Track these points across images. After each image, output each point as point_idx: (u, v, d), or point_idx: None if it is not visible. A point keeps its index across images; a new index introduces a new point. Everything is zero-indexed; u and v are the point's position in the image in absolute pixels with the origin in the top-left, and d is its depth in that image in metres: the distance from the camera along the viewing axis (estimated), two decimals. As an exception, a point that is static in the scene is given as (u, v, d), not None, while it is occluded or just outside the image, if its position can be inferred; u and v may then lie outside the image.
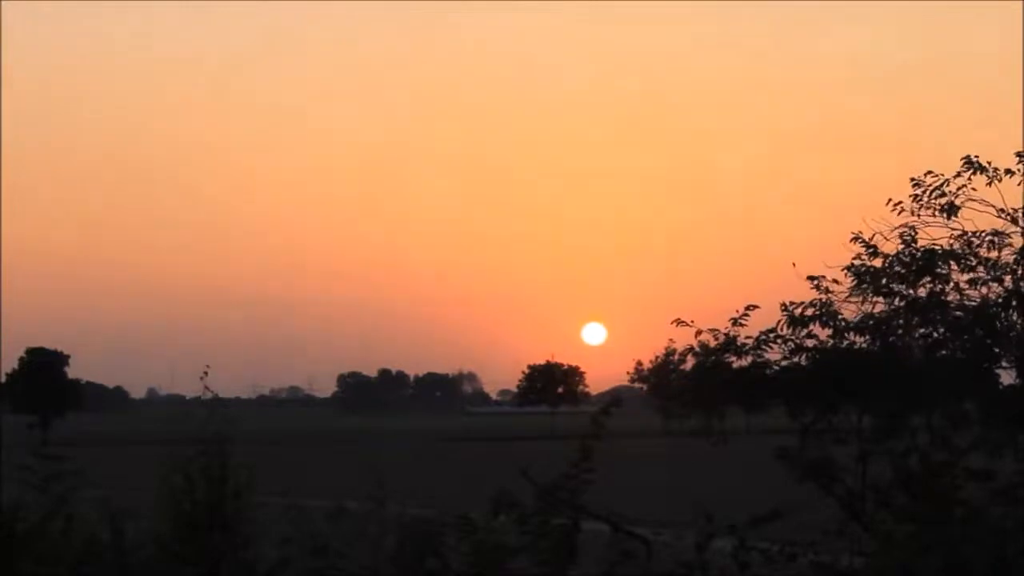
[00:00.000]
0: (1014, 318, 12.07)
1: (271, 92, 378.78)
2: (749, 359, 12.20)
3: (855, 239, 12.40)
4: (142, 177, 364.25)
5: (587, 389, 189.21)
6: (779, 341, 12.16)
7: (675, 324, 12.21)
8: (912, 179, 12.44)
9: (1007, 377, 12.29)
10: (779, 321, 12.18)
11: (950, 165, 12.49)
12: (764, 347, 12.13)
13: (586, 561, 10.25)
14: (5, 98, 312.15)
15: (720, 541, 10.73)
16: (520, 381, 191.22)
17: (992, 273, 12.12)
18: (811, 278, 12.37)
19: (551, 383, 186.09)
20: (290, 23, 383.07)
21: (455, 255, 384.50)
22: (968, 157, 12.35)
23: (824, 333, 12.16)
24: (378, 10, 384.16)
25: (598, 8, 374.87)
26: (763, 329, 12.17)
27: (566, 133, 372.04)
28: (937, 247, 12.27)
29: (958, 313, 12.02)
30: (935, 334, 12.06)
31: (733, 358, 12.26)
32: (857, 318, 12.16)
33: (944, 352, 12.06)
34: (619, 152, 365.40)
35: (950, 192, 12.36)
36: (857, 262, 12.36)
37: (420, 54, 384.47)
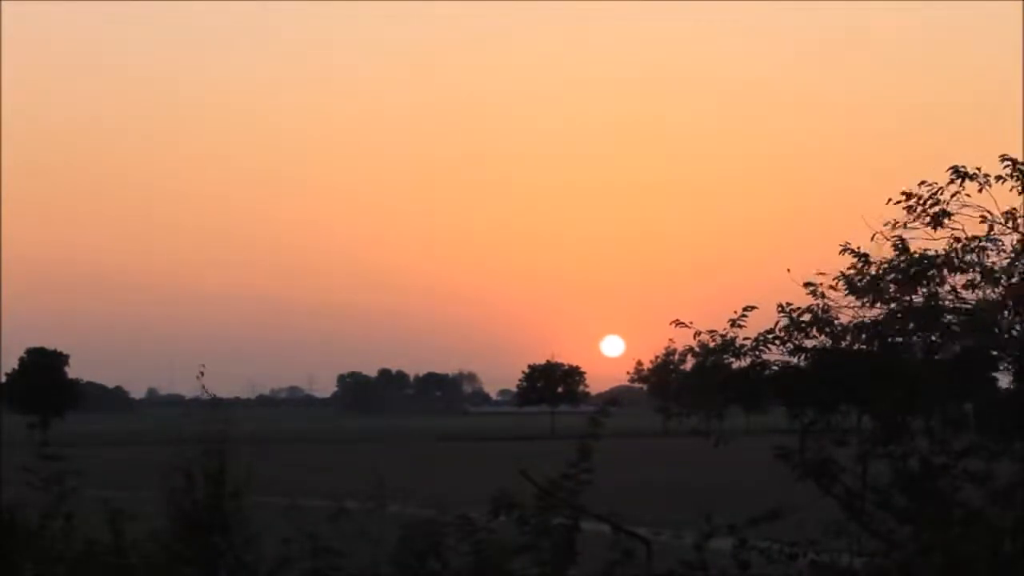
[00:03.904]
0: (1010, 321, 12.07)
1: (271, 92, 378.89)
2: (748, 360, 12.20)
3: (844, 250, 12.36)
4: (142, 177, 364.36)
5: (587, 389, 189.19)
6: (777, 342, 12.16)
7: (674, 325, 12.21)
8: (904, 192, 12.42)
9: (1004, 380, 12.31)
10: (777, 322, 12.18)
11: (949, 166, 12.49)
12: (763, 348, 12.14)
13: (586, 561, 10.25)
14: (5, 98, 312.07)
15: (720, 541, 10.74)
16: (520, 381, 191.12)
17: (987, 277, 12.12)
18: (807, 284, 12.36)
19: (551, 383, 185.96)
20: (292, 21, 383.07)
21: (458, 258, 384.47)
22: (955, 167, 12.34)
23: (822, 337, 12.16)
24: (385, 8, 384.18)
25: (602, 19, 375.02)
26: (761, 330, 12.17)
27: (568, 136, 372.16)
28: (931, 252, 12.27)
29: (950, 317, 12.02)
30: (932, 338, 12.06)
31: (732, 359, 12.26)
32: (854, 324, 12.16)
33: (941, 355, 12.06)
34: (624, 159, 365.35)
35: (944, 200, 12.35)
36: (851, 272, 12.33)
37: (427, 52, 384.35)
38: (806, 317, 12.14)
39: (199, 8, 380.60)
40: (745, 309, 12.13)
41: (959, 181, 12.31)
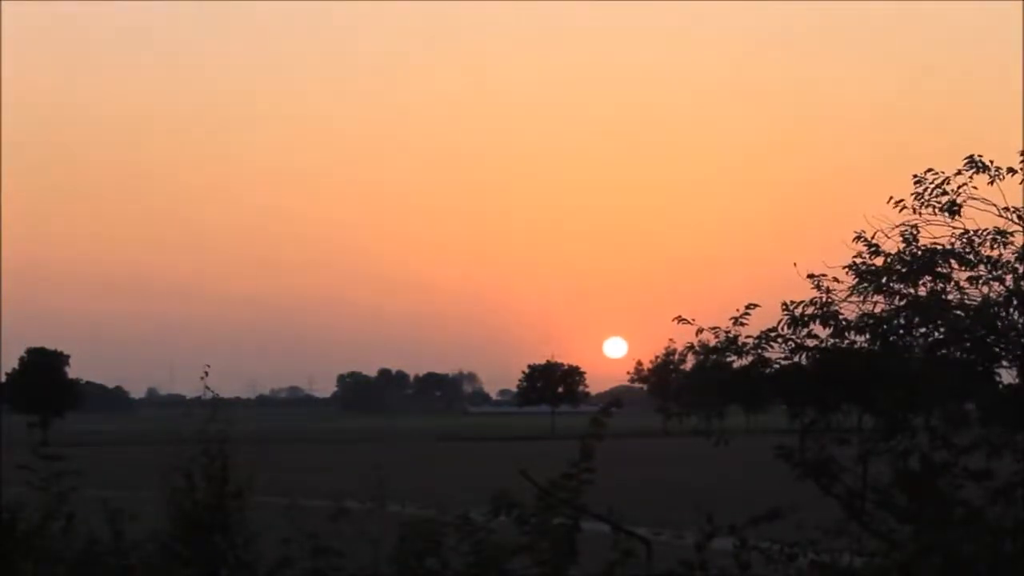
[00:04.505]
0: (1015, 317, 12.06)
1: (271, 91, 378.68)
2: (749, 358, 12.19)
3: (857, 238, 12.39)
4: (142, 177, 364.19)
5: (587, 389, 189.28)
6: (780, 340, 12.15)
7: (676, 322, 12.21)
8: (914, 176, 12.44)
9: (1007, 377, 12.28)
10: (780, 321, 12.17)
11: (950, 164, 12.49)
12: (765, 346, 12.12)
13: (586, 561, 10.24)
14: (5, 98, 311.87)
15: (720, 541, 10.72)
16: (520, 381, 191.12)
17: (993, 272, 12.10)
18: (811, 276, 12.37)
19: (551, 383, 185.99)
20: (291, 22, 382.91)
21: (458, 258, 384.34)
22: (971, 156, 12.34)
23: (824, 332, 12.15)
24: (386, 7, 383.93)
25: (603, 19, 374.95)
26: (764, 328, 12.16)
27: (570, 136, 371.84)
28: (938, 246, 12.26)
29: (959, 312, 12.00)
30: (936, 333, 12.05)
31: (734, 357, 12.25)
32: (857, 317, 12.15)
33: (944, 352, 12.04)
34: (627, 159, 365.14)
35: (952, 191, 12.36)
36: (859, 260, 12.35)
37: (430, 51, 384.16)
38: (809, 310, 12.14)
39: (199, 5, 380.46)
40: (748, 307, 12.14)
41: (969, 173, 12.31)
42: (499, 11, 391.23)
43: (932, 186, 12.36)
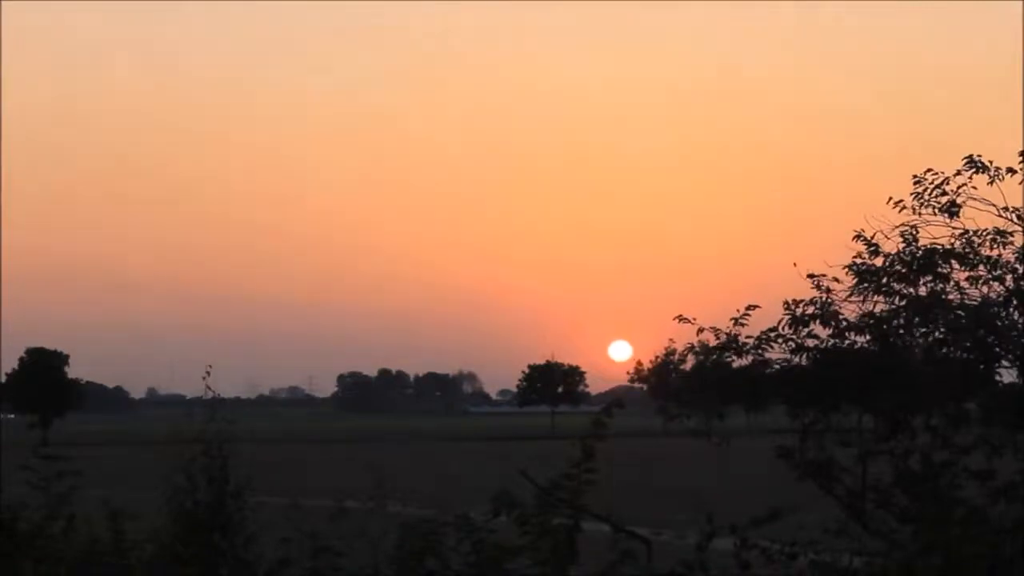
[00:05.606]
0: (1015, 317, 12.06)
1: (271, 91, 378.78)
2: (750, 358, 12.19)
3: (857, 237, 12.38)
4: (142, 177, 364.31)
5: (587, 389, 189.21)
6: (780, 340, 12.14)
7: (677, 320, 12.22)
8: (914, 176, 12.43)
9: (1007, 377, 12.29)
10: (780, 320, 12.17)
11: (950, 164, 12.49)
12: (765, 346, 12.12)
13: (586, 561, 10.25)
14: (5, 98, 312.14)
15: (721, 541, 10.73)
16: (520, 381, 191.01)
17: (993, 272, 12.10)
18: (811, 276, 12.36)
19: (551, 383, 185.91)
20: (289, 22, 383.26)
21: (458, 258, 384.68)
22: (970, 156, 12.33)
23: (825, 332, 12.15)
24: (385, 7, 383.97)
25: (606, 23, 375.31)
26: (764, 328, 12.16)
27: (574, 137, 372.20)
28: (938, 246, 12.25)
29: (959, 312, 12.00)
30: (936, 333, 12.04)
31: (734, 357, 12.25)
32: (857, 317, 12.15)
33: (944, 352, 12.04)
34: (631, 159, 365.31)
35: (951, 191, 12.35)
36: (859, 260, 12.34)
37: (432, 50, 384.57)
38: (809, 310, 12.13)
39: (199, 5, 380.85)
40: (748, 307, 12.14)
41: (968, 173, 12.30)
42: (503, 13, 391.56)
43: (932, 186, 12.36)
